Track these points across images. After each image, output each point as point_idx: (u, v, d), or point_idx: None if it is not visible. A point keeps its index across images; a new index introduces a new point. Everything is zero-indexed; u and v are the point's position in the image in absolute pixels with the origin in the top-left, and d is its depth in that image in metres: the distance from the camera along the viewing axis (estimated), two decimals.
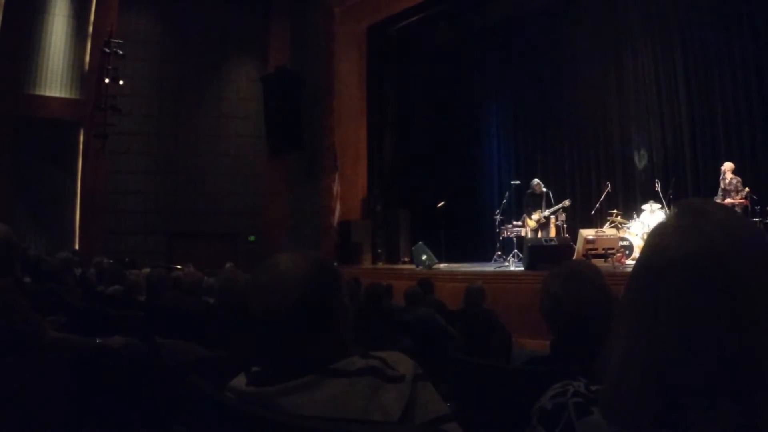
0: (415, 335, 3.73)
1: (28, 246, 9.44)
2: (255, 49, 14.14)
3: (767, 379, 0.63)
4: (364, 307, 4.15)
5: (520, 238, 9.67)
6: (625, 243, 8.55)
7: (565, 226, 9.46)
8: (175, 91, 13.45)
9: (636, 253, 7.95)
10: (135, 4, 13.19)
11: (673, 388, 0.66)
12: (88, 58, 12.48)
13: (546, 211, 9.35)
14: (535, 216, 9.42)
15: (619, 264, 7.79)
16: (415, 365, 1.07)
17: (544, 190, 9.51)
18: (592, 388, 0.78)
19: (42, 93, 12.00)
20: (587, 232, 8.68)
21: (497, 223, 10.11)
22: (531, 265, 8.07)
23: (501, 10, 11.90)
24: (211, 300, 3.78)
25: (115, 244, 12.22)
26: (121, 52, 12.15)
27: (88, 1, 12.58)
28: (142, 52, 13.17)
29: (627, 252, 8.32)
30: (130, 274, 5.10)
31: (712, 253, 0.65)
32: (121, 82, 12.13)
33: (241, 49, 14.10)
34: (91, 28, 12.53)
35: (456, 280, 8.30)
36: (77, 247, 11.63)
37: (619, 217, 9.05)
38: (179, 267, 7.98)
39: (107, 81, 12.02)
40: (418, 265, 9.91)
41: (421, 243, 10.16)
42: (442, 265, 9.92)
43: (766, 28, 8.75)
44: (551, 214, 9.34)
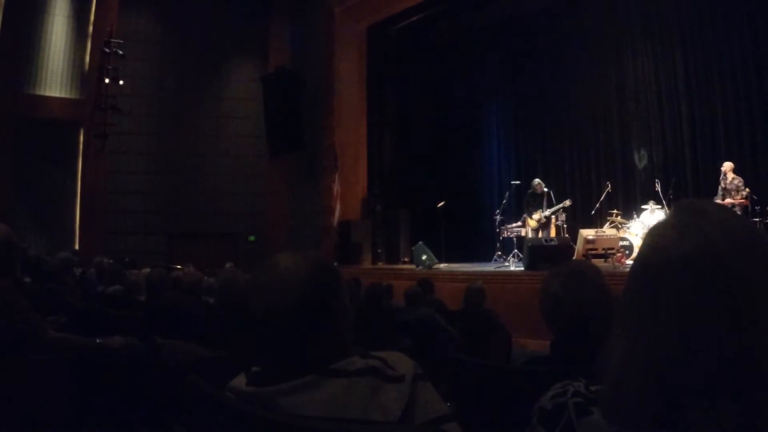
0: (415, 335, 3.73)
1: (28, 246, 9.44)
2: (255, 49, 14.13)
3: (767, 379, 0.63)
4: (364, 307, 4.15)
5: (520, 238, 9.67)
6: (625, 243, 8.55)
7: (565, 226, 9.46)
8: (175, 91, 13.45)
9: (636, 253, 7.94)
10: (135, 4, 13.19)
11: (673, 388, 0.66)
12: (88, 58, 12.47)
13: (547, 210, 9.36)
14: (536, 216, 9.42)
15: (619, 264, 7.80)
16: (415, 365, 1.07)
17: (545, 189, 9.51)
18: (592, 389, 0.78)
19: (42, 93, 11.99)
20: (587, 232, 8.69)
21: (497, 223, 10.12)
22: (531, 265, 8.06)
23: (501, 10, 11.89)
24: (211, 300, 3.77)
25: (115, 244, 12.22)
26: (121, 52, 12.15)
27: (88, 1, 12.57)
28: (142, 52, 13.17)
29: (627, 252, 8.32)
30: (130, 274, 5.10)
31: (711, 253, 0.65)
32: (121, 82, 12.14)
33: (241, 49, 14.10)
34: (91, 28, 12.53)
35: (456, 280, 8.30)
36: (77, 247, 11.63)
37: (619, 217, 9.05)
38: (179, 267, 7.97)
39: (107, 81, 12.02)
40: (418, 265, 9.91)
41: (421, 243, 10.16)
42: (442, 265, 9.92)
43: (766, 28, 8.75)
44: (552, 213, 9.34)
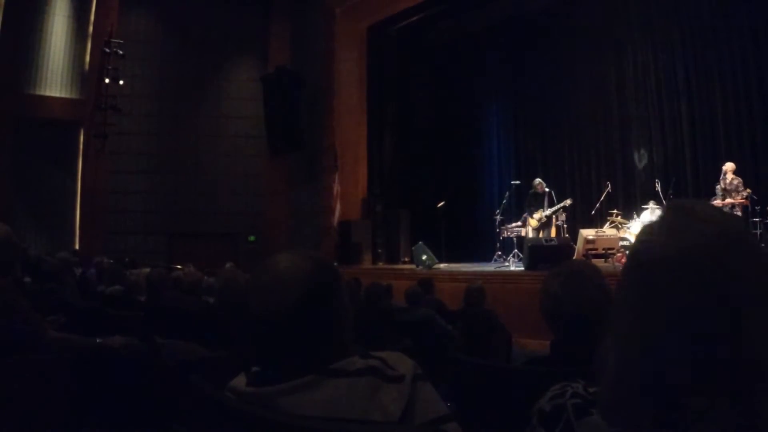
0: (415, 335, 3.73)
1: (28, 246, 9.43)
2: (255, 49, 14.14)
3: (767, 379, 0.63)
4: (364, 307, 4.15)
5: (520, 238, 9.68)
6: (625, 243, 8.54)
7: (565, 226, 9.47)
8: (175, 91, 13.45)
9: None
10: (135, 4, 13.19)
11: (673, 388, 0.66)
12: (88, 58, 12.48)
13: (547, 210, 9.36)
14: (537, 215, 9.42)
15: (619, 264, 7.79)
16: (415, 365, 1.07)
17: (546, 189, 9.51)
18: (591, 390, 0.78)
19: (42, 93, 11.99)
20: (587, 232, 8.69)
21: (497, 223, 10.12)
22: (531, 265, 8.07)
23: (501, 10, 11.90)
24: (211, 300, 3.77)
25: (115, 244, 12.22)
26: (121, 52, 12.15)
27: (88, 1, 12.58)
28: (142, 52, 13.17)
29: (627, 252, 8.31)
30: (130, 274, 5.09)
31: (702, 251, 0.65)
32: (121, 82, 12.15)
33: (241, 49, 14.10)
34: (91, 28, 12.53)
35: (456, 280, 8.30)
36: (77, 247, 11.63)
37: (619, 217, 9.05)
38: (179, 267, 7.96)
39: (107, 81, 12.03)
40: (418, 265, 9.91)
41: (421, 243, 10.16)
42: (442, 265, 9.92)
43: (766, 28, 8.75)
44: (552, 213, 9.34)
